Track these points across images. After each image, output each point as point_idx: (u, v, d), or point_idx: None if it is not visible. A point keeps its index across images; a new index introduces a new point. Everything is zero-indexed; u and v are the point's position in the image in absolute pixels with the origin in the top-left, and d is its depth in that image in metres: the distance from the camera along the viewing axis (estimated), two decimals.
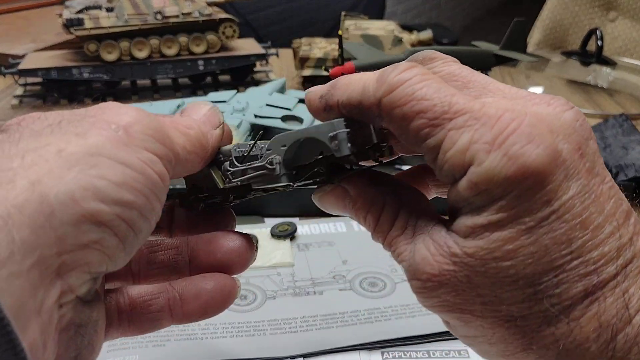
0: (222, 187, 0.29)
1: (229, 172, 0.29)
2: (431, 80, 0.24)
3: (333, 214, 0.29)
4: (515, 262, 0.22)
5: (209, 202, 0.31)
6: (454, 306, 0.24)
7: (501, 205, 0.22)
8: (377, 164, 0.29)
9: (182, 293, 0.29)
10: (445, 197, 0.26)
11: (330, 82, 0.27)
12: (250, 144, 0.29)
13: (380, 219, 0.27)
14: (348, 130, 0.26)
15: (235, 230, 0.32)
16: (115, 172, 0.22)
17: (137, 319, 0.29)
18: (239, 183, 0.29)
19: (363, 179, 0.28)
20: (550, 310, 0.22)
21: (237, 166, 0.29)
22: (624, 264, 0.22)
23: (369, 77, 0.25)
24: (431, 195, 0.31)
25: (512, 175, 0.22)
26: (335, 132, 0.25)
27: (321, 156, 0.27)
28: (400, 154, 0.31)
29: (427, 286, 0.24)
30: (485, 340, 0.24)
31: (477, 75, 0.26)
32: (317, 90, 0.28)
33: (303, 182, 0.28)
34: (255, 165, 0.28)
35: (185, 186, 0.31)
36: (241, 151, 0.29)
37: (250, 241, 0.31)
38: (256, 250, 0.31)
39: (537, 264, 0.22)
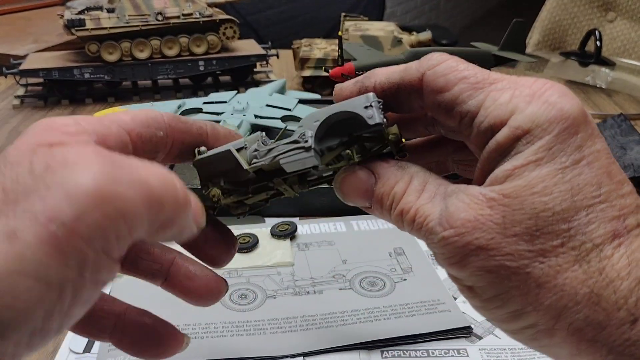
0: (246, 167, 0.29)
1: (255, 153, 0.29)
2: (468, 62, 0.27)
3: (349, 201, 0.29)
4: (552, 197, 0.24)
5: (224, 199, 0.30)
6: (486, 253, 0.24)
7: (540, 146, 0.24)
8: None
9: (126, 328, 0.31)
10: None
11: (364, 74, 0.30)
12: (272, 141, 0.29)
13: (407, 190, 0.27)
14: (381, 101, 0.27)
15: (219, 276, 0.33)
16: (30, 296, 0.19)
17: (82, 326, 0.31)
18: (266, 162, 0.28)
19: (387, 159, 0.29)
20: (585, 245, 0.24)
21: (264, 146, 0.29)
22: None
23: (407, 63, 0.28)
24: None
25: (552, 117, 0.24)
26: (370, 102, 0.27)
27: (348, 138, 0.27)
28: None
29: (461, 232, 0.24)
30: (516, 294, 0.24)
31: None
32: (349, 80, 0.30)
33: (328, 165, 0.29)
34: (286, 142, 0.28)
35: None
36: (266, 140, 0.29)
37: (224, 288, 0.32)
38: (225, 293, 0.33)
39: (571, 201, 0.24)
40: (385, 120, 0.27)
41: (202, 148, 0.30)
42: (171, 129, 0.29)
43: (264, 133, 0.30)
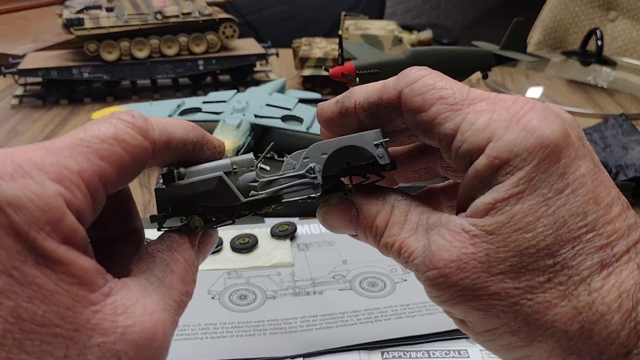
0: (244, 200, 0.27)
1: (254, 184, 0.27)
2: (449, 78, 0.26)
3: (336, 231, 0.29)
4: (535, 233, 0.23)
5: (203, 226, 0.27)
6: (473, 293, 0.24)
7: (520, 177, 0.23)
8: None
9: None
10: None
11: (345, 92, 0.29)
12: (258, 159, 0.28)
13: (389, 222, 0.27)
14: (388, 139, 0.27)
15: None
16: None
17: None
18: (265, 195, 0.27)
19: (367, 190, 0.28)
20: (572, 278, 0.23)
21: (264, 177, 0.27)
22: (634, 241, 0.24)
23: (386, 80, 0.27)
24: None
25: (531, 146, 0.23)
26: (380, 141, 0.27)
27: (345, 167, 0.27)
28: (400, 183, 0.31)
29: (445, 273, 0.24)
30: (507, 330, 0.24)
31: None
32: (330, 100, 0.29)
33: (322, 195, 0.28)
34: (291, 174, 0.27)
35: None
36: (263, 170, 0.28)
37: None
38: None
39: (556, 235, 0.23)
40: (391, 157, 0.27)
41: (182, 170, 0.27)
42: (155, 160, 0.25)
43: (252, 154, 0.28)
